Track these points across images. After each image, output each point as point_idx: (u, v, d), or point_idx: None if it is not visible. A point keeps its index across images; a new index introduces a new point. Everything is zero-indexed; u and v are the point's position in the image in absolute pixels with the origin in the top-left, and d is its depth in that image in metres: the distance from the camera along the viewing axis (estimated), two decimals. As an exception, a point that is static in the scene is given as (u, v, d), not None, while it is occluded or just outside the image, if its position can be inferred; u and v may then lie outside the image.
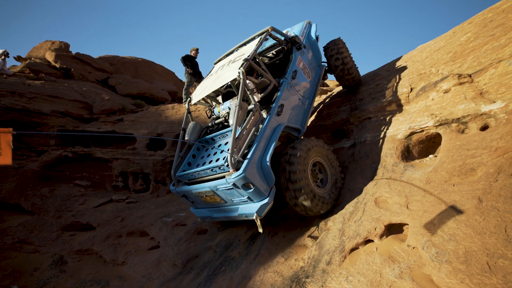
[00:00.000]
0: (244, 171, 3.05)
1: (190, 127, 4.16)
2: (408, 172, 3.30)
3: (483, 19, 4.01)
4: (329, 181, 3.86)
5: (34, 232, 5.48)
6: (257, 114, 3.58)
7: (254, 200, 3.29)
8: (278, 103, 3.85)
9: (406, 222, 2.73)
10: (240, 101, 3.41)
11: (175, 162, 4.07)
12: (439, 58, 4.22)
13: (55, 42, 13.52)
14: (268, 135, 3.55)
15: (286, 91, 4.07)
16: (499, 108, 2.82)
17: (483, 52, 3.47)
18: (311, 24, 5.62)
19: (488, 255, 1.88)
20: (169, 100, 13.24)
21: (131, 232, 5.47)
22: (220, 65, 4.77)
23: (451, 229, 2.24)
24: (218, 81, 3.97)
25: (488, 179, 2.42)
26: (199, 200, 3.88)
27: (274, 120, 3.70)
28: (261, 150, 3.38)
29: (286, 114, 4.00)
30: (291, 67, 4.36)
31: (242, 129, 3.38)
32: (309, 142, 3.70)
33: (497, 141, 2.64)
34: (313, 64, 5.07)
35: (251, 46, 4.29)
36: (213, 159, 3.72)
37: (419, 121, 3.61)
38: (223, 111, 4.23)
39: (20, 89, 7.92)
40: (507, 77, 2.94)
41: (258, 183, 3.19)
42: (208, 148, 4.16)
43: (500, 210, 2.10)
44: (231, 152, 3.11)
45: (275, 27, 4.44)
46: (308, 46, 5.09)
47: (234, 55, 4.64)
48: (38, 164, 7.08)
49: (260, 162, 3.33)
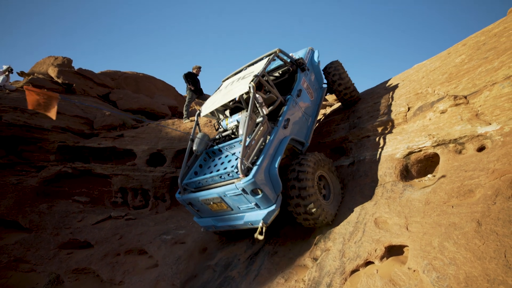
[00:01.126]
0: (253, 177, 3.18)
1: (199, 138, 4.30)
2: (407, 192, 3.32)
3: (476, 41, 4.13)
4: (332, 193, 4.05)
5: (31, 250, 5.40)
6: (265, 125, 3.80)
7: (262, 206, 3.38)
8: (284, 117, 4.10)
9: (406, 244, 2.73)
10: (251, 112, 3.64)
11: (182, 171, 4.22)
12: (435, 78, 4.32)
13: (58, 58, 13.75)
14: (276, 145, 3.74)
15: (291, 107, 4.34)
16: (495, 130, 2.87)
17: (477, 74, 3.56)
18: (313, 51, 5.96)
19: (488, 281, 1.88)
20: (169, 115, 13.35)
21: (129, 250, 5.40)
22: (229, 82, 5.05)
23: (451, 252, 2.24)
24: (228, 95, 4.22)
25: (486, 201, 2.44)
26: (204, 208, 3.94)
27: (281, 132, 3.91)
28: (269, 158, 3.54)
29: (292, 128, 4.22)
30: (296, 86, 4.63)
31: (251, 139, 3.52)
32: (315, 157, 3.87)
33: (494, 163, 2.68)
34: (315, 85, 5.38)
35: (260, 64, 4.61)
36: (221, 168, 3.86)
37: (417, 141, 3.66)
38: (231, 123, 4.44)
39: (23, 104, 7.99)
40: (501, 99, 3.01)
41: (266, 189, 3.31)
42: (214, 158, 4.32)
43: (499, 234, 2.11)
44: (241, 158, 3.22)
45: (282, 49, 4.71)
46: (311, 69, 5.42)
47: (243, 73, 4.93)
48: (38, 180, 7.07)
49: (268, 169, 3.47)
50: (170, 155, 7.36)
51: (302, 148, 4.34)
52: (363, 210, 3.55)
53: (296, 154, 4.38)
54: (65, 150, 7.85)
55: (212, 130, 7.59)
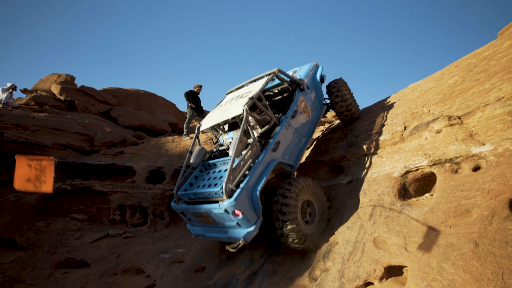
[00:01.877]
0: (235, 200, 3.41)
1: (196, 151, 4.64)
2: (406, 211, 3.34)
3: (468, 63, 4.28)
4: (316, 215, 4.23)
5: (26, 270, 5.32)
6: (254, 148, 3.96)
7: (242, 226, 3.61)
8: (275, 140, 4.24)
9: (405, 265, 2.73)
10: (241, 135, 3.83)
11: (179, 181, 4.49)
12: (430, 98, 4.44)
13: (61, 75, 14.02)
14: (262, 169, 3.92)
15: (284, 129, 4.46)
16: (489, 150, 2.94)
17: (470, 95, 3.67)
18: (318, 66, 6.04)
19: (487, 303, 1.88)
20: (169, 131, 13.46)
21: (126, 270, 5.32)
22: (230, 98, 5.18)
23: (449, 274, 2.25)
24: (225, 114, 4.39)
25: (483, 222, 2.47)
26: (195, 219, 4.22)
27: (269, 155, 4.07)
28: (253, 181, 3.74)
29: (281, 150, 4.34)
30: (292, 107, 4.76)
31: (239, 160, 3.74)
32: (299, 186, 3.99)
33: (489, 183, 2.72)
34: (315, 104, 5.47)
35: (258, 84, 4.71)
36: (212, 183, 4.06)
37: (413, 160, 3.72)
38: (227, 140, 4.69)
39: (25, 121, 8.09)
40: (493, 120, 3.10)
41: (247, 211, 3.52)
42: (209, 171, 4.55)
43: (496, 256, 2.13)
44: (226, 181, 3.48)
45: (282, 69, 4.84)
46: (312, 87, 5.50)
47: (243, 90, 5.05)
48: (36, 197, 7.04)
49: (251, 192, 3.68)
50: (169, 172, 7.38)
51: (291, 170, 4.53)
52: (362, 229, 3.55)
53: (286, 175, 4.59)
54: (65, 166, 7.87)
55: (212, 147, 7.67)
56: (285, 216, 3.73)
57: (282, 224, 3.73)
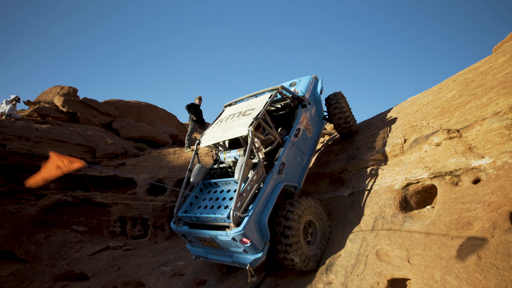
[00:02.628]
0: (243, 229, 3.34)
1: (196, 169, 4.51)
2: (407, 224, 3.37)
3: (465, 78, 4.39)
4: (318, 234, 4.21)
5: (25, 283, 5.25)
6: (260, 171, 3.90)
7: (249, 253, 3.56)
8: (280, 161, 4.18)
9: (409, 277, 2.73)
10: (247, 159, 3.74)
11: (178, 201, 4.30)
12: (429, 112, 4.52)
13: (64, 87, 14.18)
14: (268, 193, 3.86)
15: (288, 149, 4.41)
16: (488, 163, 2.99)
17: (468, 109, 3.76)
18: (317, 80, 6.01)
19: (491, 316, 1.89)
20: (170, 143, 13.52)
21: (126, 283, 5.26)
22: (230, 113, 5.00)
23: (453, 286, 2.26)
24: (228, 133, 4.25)
25: (484, 234, 2.50)
26: (197, 241, 4.13)
27: (275, 178, 4.01)
28: (260, 207, 3.69)
29: (286, 172, 4.29)
30: (295, 125, 4.70)
31: (246, 185, 3.66)
32: (302, 207, 3.95)
33: (490, 195, 2.77)
34: (315, 119, 5.44)
35: (261, 102, 4.57)
36: (215, 206, 3.94)
37: (414, 173, 3.77)
38: (228, 158, 4.46)
39: (27, 133, 8.15)
40: (491, 134, 3.17)
41: (254, 239, 3.47)
42: (210, 190, 4.42)
43: (499, 268, 2.15)
44: (233, 208, 3.38)
45: (284, 86, 4.82)
46: (312, 102, 5.47)
47: (244, 105, 4.89)
48: (37, 208, 7.03)
49: (258, 219, 3.63)
50: (171, 184, 7.39)
51: (294, 190, 4.49)
52: (364, 241, 3.56)
53: (289, 195, 4.56)
54: (66, 178, 7.88)
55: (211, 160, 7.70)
56: (287, 239, 3.68)
57: (285, 247, 3.67)
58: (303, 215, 3.92)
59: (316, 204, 4.25)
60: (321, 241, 4.21)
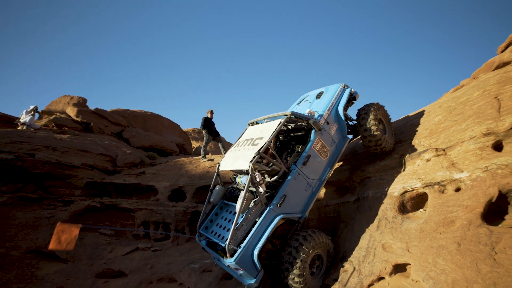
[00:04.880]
0: (234, 260, 3.83)
1: (216, 190, 5.05)
2: (405, 223, 4.29)
3: (448, 106, 5.41)
4: (323, 267, 4.60)
5: (70, 279, 5.91)
6: (259, 205, 4.23)
7: (244, 277, 4.08)
8: (280, 194, 4.32)
9: (409, 262, 3.63)
10: (246, 194, 4.04)
11: (201, 218, 4.96)
12: (420, 132, 5.51)
13: (73, 97, 14.76)
14: (265, 225, 4.14)
15: (293, 179, 4.46)
16: (466, 176, 3.96)
17: (451, 132, 4.75)
18: (345, 89, 5.66)
19: (467, 281, 2.81)
20: (177, 152, 14.23)
21: (160, 279, 5.99)
22: (247, 136, 5.19)
23: (441, 265, 3.17)
24: (236, 163, 4.56)
25: (463, 229, 3.43)
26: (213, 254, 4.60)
27: (273, 211, 4.23)
28: (255, 239, 4.05)
29: (288, 203, 4.40)
30: (305, 152, 4.69)
31: (244, 217, 4.10)
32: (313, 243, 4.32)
33: (467, 200, 3.71)
34: (335, 139, 5.25)
35: (270, 129, 4.68)
36: (227, 226, 4.58)
37: (410, 183, 4.71)
38: (241, 182, 4.78)
39: (53, 143, 8.78)
40: (469, 153, 4.15)
41: (246, 269, 3.93)
42: (228, 209, 4.97)
43: (472, 251, 3.07)
44: (228, 242, 3.85)
45: (295, 112, 4.81)
46: (334, 119, 5.29)
47: (258, 130, 5.05)
48: (68, 213, 7.67)
49: (251, 251, 3.99)
50: (191, 191, 8.15)
51: (299, 218, 4.66)
52: (372, 238, 4.46)
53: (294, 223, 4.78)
54: (91, 185, 8.54)
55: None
56: (294, 270, 4.07)
57: (291, 275, 4.10)
58: (314, 250, 4.29)
59: (327, 240, 4.60)
60: (323, 272, 4.56)
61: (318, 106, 5.49)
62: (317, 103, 5.65)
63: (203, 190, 8.10)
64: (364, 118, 5.31)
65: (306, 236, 4.38)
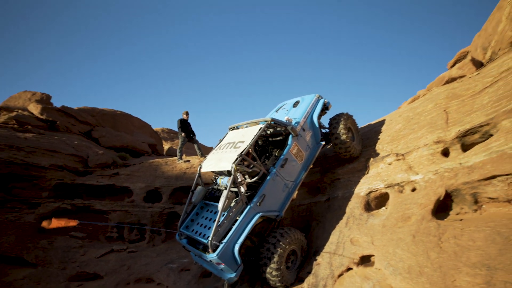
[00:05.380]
0: (217, 255, 4.08)
1: (197, 191, 5.27)
2: (370, 220, 4.84)
3: (407, 116, 6.12)
4: (297, 261, 4.97)
5: (41, 284, 5.74)
6: (240, 204, 4.54)
7: (225, 272, 4.36)
8: (260, 193, 4.66)
9: (373, 254, 4.15)
10: (228, 193, 4.34)
11: (182, 217, 5.19)
12: (383, 139, 6.17)
13: (36, 93, 13.95)
14: (245, 223, 4.44)
15: (271, 180, 4.83)
16: (420, 178, 4.59)
17: (409, 139, 5.42)
18: (319, 99, 6.14)
19: (419, 266, 3.35)
20: (149, 152, 14.02)
21: (138, 279, 6.04)
22: (229, 139, 5.53)
23: (399, 254, 3.70)
24: (219, 164, 4.88)
25: (417, 223, 4.01)
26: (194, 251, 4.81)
27: (253, 210, 4.54)
28: (236, 235, 4.33)
29: (267, 202, 4.75)
30: (282, 155, 5.09)
31: (226, 215, 4.41)
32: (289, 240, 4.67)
33: (421, 199, 4.32)
34: (311, 143, 5.70)
35: (252, 134, 5.02)
36: (202, 232, 4.77)
37: (374, 184, 5.29)
38: (222, 184, 5.14)
39: (17, 142, 8.34)
40: (423, 158, 4.80)
41: (227, 263, 4.20)
42: (208, 209, 5.21)
43: (424, 241, 3.64)
44: (211, 238, 4.12)
45: (275, 118, 5.21)
46: (310, 127, 5.73)
47: (240, 134, 5.35)
48: (35, 216, 7.35)
49: (232, 247, 4.27)
50: (167, 192, 8.20)
51: (276, 216, 4.95)
52: (341, 233, 4.96)
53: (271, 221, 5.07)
54: (60, 187, 8.24)
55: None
56: (272, 264, 4.39)
57: (269, 269, 4.41)
58: (289, 246, 4.65)
59: (301, 237, 4.99)
60: (298, 266, 4.93)
61: (295, 114, 5.93)
62: (294, 111, 6.10)
63: (179, 192, 8.19)
64: (335, 127, 5.77)
65: (283, 233, 4.73)
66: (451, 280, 3.01)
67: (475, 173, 3.84)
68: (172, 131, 30.97)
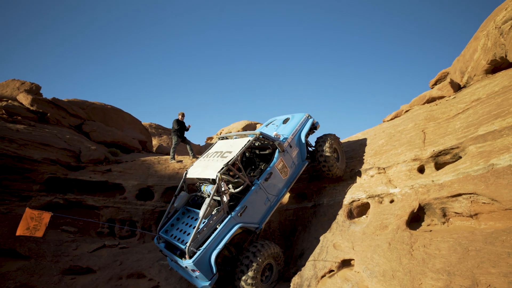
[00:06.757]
0: (193, 261, 4.16)
1: (180, 196, 5.41)
2: (352, 227, 5.33)
3: (390, 132, 6.68)
4: (273, 276, 5.06)
5: (35, 276, 5.88)
6: (221, 212, 4.67)
7: (200, 279, 4.47)
8: (242, 205, 4.78)
9: (353, 258, 4.63)
10: (211, 201, 4.46)
11: (162, 221, 5.37)
12: (367, 152, 6.70)
13: (25, 83, 13.72)
14: (225, 232, 4.54)
15: (254, 193, 4.96)
16: (398, 191, 5.12)
17: (390, 155, 5.96)
18: (308, 119, 6.41)
19: (392, 271, 3.84)
20: (140, 149, 14.10)
21: (130, 275, 6.27)
22: (218, 148, 5.73)
23: (376, 259, 4.20)
24: (205, 172, 4.98)
25: (393, 232, 4.52)
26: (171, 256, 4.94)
27: (233, 220, 4.65)
28: (214, 243, 4.41)
29: (248, 214, 4.85)
30: (268, 169, 5.23)
31: (204, 226, 4.47)
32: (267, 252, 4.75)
33: (397, 210, 4.85)
34: (295, 161, 5.88)
35: (239, 145, 5.21)
36: (181, 237, 4.87)
37: (357, 194, 5.80)
38: (206, 191, 5.18)
39: (9, 134, 8.33)
40: (401, 173, 5.34)
41: (203, 271, 4.28)
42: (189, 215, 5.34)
43: (398, 249, 4.15)
44: (189, 244, 4.20)
45: (263, 132, 5.44)
46: (297, 144, 5.91)
47: (228, 145, 5.54)
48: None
49: (209, 255, 4.35)
50: (159, 191, 8.43)
51: (256, 229, 5.05)
52: (325, 238, 5.43)
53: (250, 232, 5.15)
54: (52, 181, 8.30)
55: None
56: (249, 272, 4.46)
57: (245, 278, 4.46)
58: (267, 258, 4.74)
59: (279, 251, 5.08)
60: (273, 281, 5.01)
61: (283, 130, 6.20)
62: (283, 127, 6.38)
63: (171, 191, 8.43)
64: (321, 146, 6.06)
65: (264, 244, 4.87)
66: (418, 283, 3.52)
67: (445, 190, 4.39)
68: (160, 126, 30.79)
